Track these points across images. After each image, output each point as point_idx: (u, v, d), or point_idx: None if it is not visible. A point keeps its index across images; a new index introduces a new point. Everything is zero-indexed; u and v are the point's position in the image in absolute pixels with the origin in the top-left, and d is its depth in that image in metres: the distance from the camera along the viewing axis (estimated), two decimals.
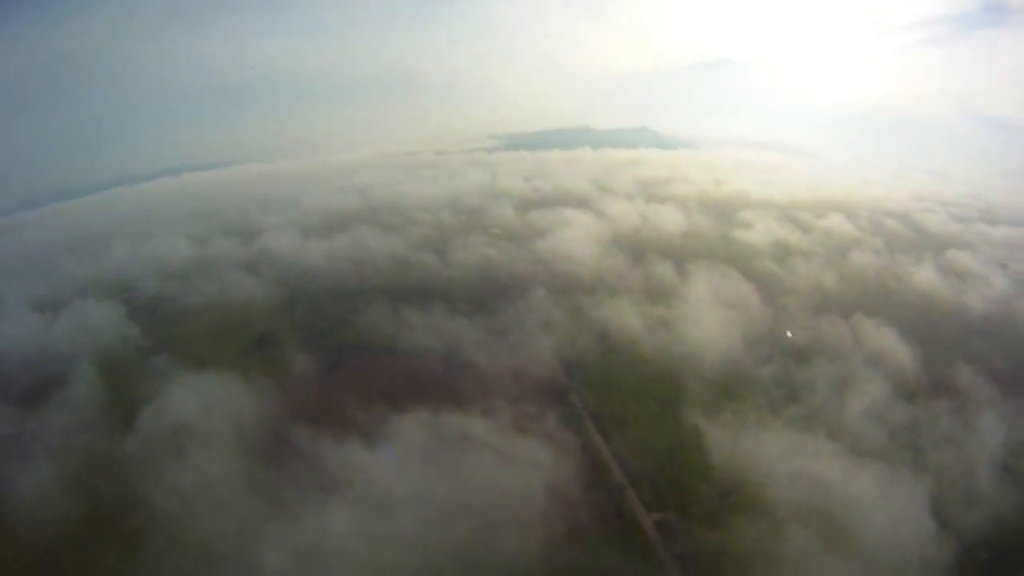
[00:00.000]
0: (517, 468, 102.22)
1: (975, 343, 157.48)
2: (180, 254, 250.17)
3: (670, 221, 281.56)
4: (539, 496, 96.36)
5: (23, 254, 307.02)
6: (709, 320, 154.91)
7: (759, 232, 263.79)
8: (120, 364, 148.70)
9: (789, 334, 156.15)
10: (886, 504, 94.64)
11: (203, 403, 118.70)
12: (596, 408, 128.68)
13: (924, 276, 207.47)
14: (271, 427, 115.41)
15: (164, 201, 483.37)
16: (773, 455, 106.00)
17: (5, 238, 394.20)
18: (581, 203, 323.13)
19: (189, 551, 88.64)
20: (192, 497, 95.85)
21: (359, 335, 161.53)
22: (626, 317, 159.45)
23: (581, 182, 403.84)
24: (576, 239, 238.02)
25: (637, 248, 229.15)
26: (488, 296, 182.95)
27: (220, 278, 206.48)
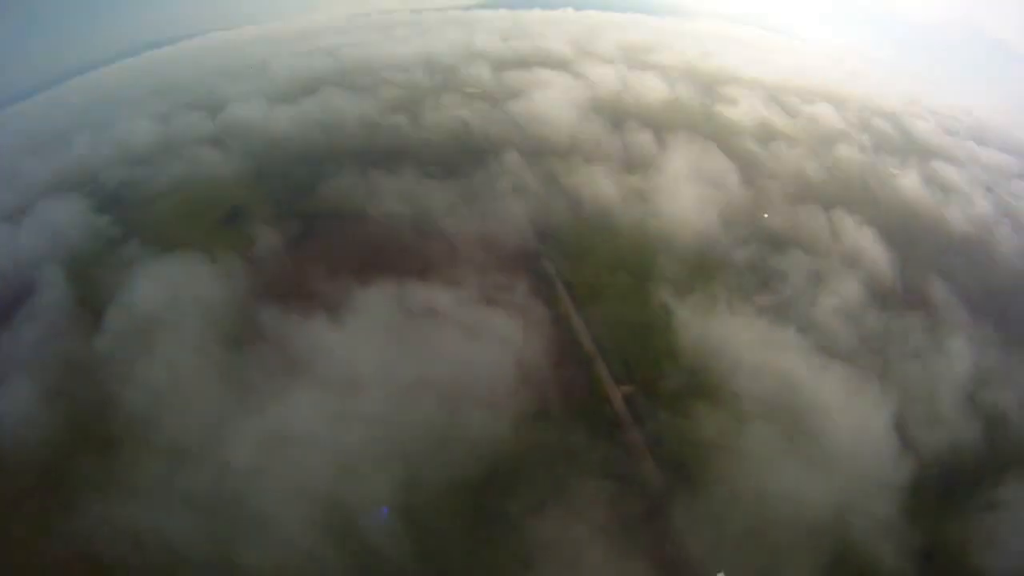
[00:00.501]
0: (487, 341, 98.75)
1: (951, 261, 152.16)
2: (143, 136, 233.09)
3: (652, 89, 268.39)
4: (509, 368, 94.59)
5: None
6: (686, 195, 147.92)
7: (743, 110, 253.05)
8: (89, 260, 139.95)
9: (766, 216, 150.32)
10: (850, 411, 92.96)
11: (170, 291, 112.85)
12: (568, 277, 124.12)
13: (908, 182, 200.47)
14: (238, 309, 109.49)
15: (126, 83, 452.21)
16: (741, 343, 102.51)
17: None
18: (560, 65, 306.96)
19: (162, 453, 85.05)
20: (163, 394, 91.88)
21: (328, 203, 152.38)
22: (601, 186, 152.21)
23: (562, 43, 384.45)
24: (553, 101, 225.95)
25: (616, 115, 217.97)
26: (460, 159, 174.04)
27: (186, 156, 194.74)
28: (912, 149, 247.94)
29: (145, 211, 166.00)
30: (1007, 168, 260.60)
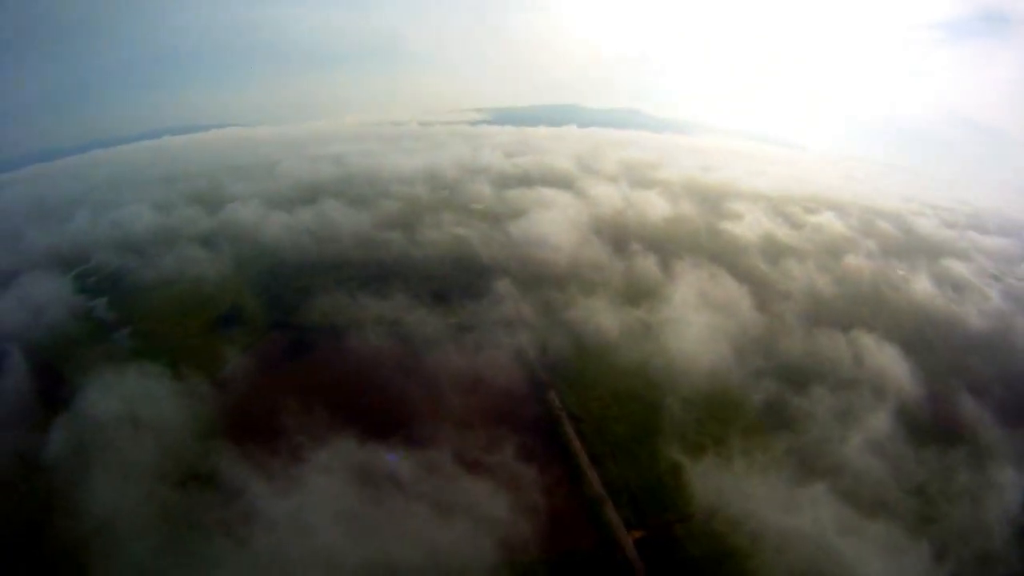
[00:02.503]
0: (479, 501, 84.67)
1: (977, 366, 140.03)
2: (142, 224, 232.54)
3: (655, 207, 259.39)
4: (513, 521, 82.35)
5: None
6: (695, 326, 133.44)
7: (748, 225, 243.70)
8: (64, 346, 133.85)
9: (781, 346, 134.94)
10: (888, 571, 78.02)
11: (130, 405, 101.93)
12: (575, 411, 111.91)
13: (920, 286, 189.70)
14: (196, 440, 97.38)
15: (139, 165, 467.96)
16: (763, 501, 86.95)
17: None
18: (563, 183, 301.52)
19: None
20: (98, 528, 79.81)
21: (312, 321, 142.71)
22: (604, 318, 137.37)
23: (564, 160, 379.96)
24: (554, 222, 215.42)
25: (619, 236, 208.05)
26: (454, 282, 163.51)
27: (177, 252, 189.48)
28: (918, 248, 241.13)
29: (127, 302, 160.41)
30: (1010, 253, 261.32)
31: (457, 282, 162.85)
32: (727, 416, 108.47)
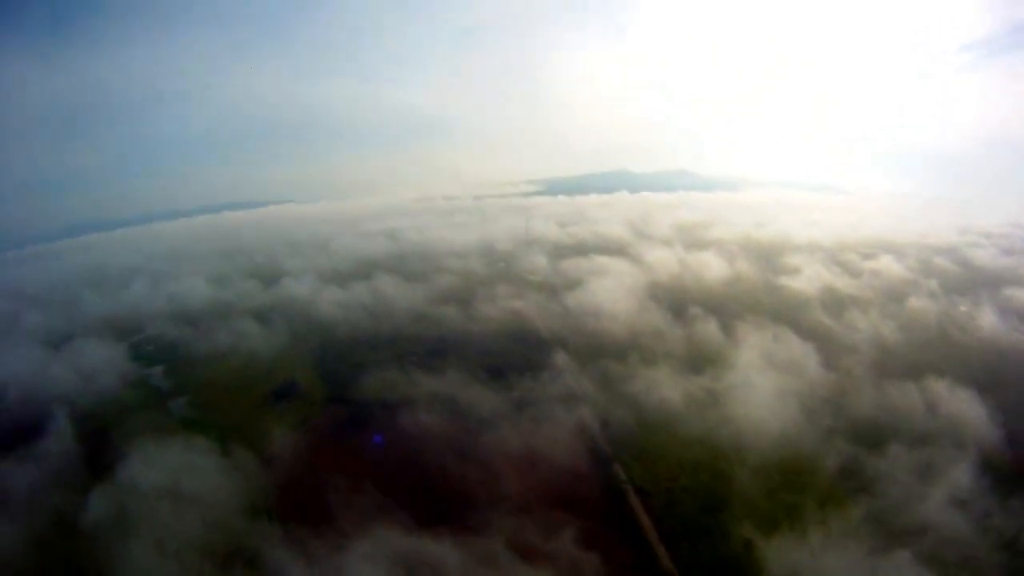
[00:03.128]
0: None
1: None
2: (197, 296, 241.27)
3: (712, 268, 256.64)
4: None
5: (50, 283, 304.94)
6: (761, 390, 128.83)
7: (806, 278, 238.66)
8: (112, 413, 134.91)
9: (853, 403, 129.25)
10: None
11: (173, 478, 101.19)
12: (639, 487, 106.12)
13: (987, 321, 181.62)
14: (237, 518, 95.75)
15: (198, 238, 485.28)
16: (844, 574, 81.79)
17: (40, 265, 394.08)
18: (618, 250, 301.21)
19: None
20: None
21: (365, 397, 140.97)
22: (666, 388, 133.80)
23: (618, 227, 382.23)
24: (611, 290, 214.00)
25: (677, 300, 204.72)
26: (511, 357, 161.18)
27: (232, 325, 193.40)
28: (979, 281, 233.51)
29: (184, 373, 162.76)
30: None
31: (514, 356, 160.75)
32: (800, 483, 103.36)
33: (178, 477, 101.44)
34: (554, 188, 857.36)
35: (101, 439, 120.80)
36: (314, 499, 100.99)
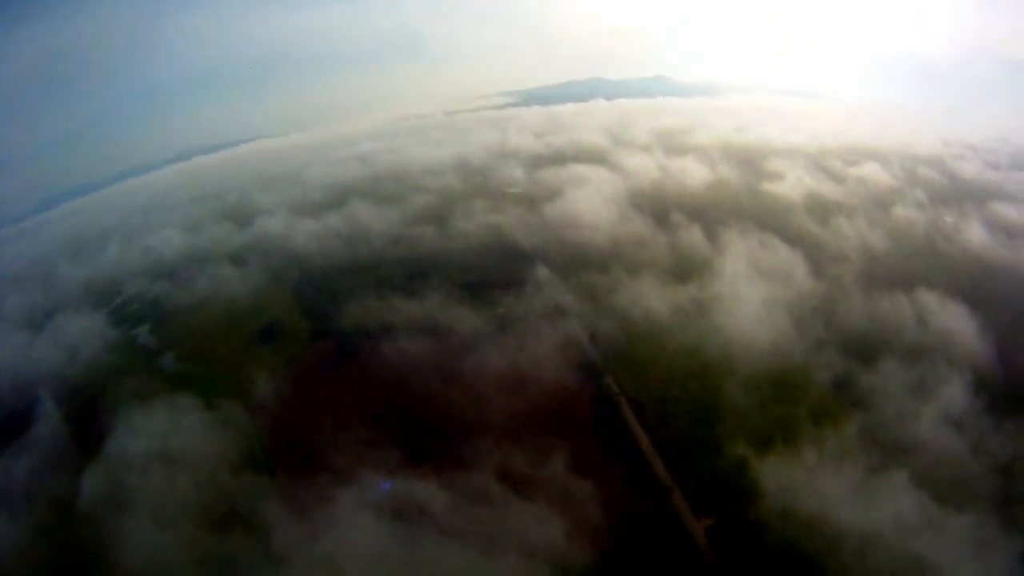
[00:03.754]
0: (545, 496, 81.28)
1: None
2: (172, 247, 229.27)
3: (693, 174, 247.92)
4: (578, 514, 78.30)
5: (28, 261, 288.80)
6: (749, 300, 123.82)
7: (790, 184, 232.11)
8: (99, 384, 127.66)
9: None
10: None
11: (163, 444, 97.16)
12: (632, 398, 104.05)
13: (974, 234, 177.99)
14: (229, 476, 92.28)
15: (171, 188, 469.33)
16: (838, 496, 77.62)
17: (18, 244, 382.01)
18: (596, 158, 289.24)
19: None
20: (137, 571, 76.80)
21: (349, 327, 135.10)
22: (652, 299, 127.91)
23: (595, 135, 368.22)
24: (591, 199, 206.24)
25: (659, 207, 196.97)
26: (492, 273, 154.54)
27: (207, 272, 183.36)
28: (965, 194, 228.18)
29: (170, 327, 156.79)
30: None
31: (495, 273, 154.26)
32: (792, 396, 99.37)
33: (168, 441, 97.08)
34: (529, 99, 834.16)
35: (90, 414, 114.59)
36: (304, 447, 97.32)
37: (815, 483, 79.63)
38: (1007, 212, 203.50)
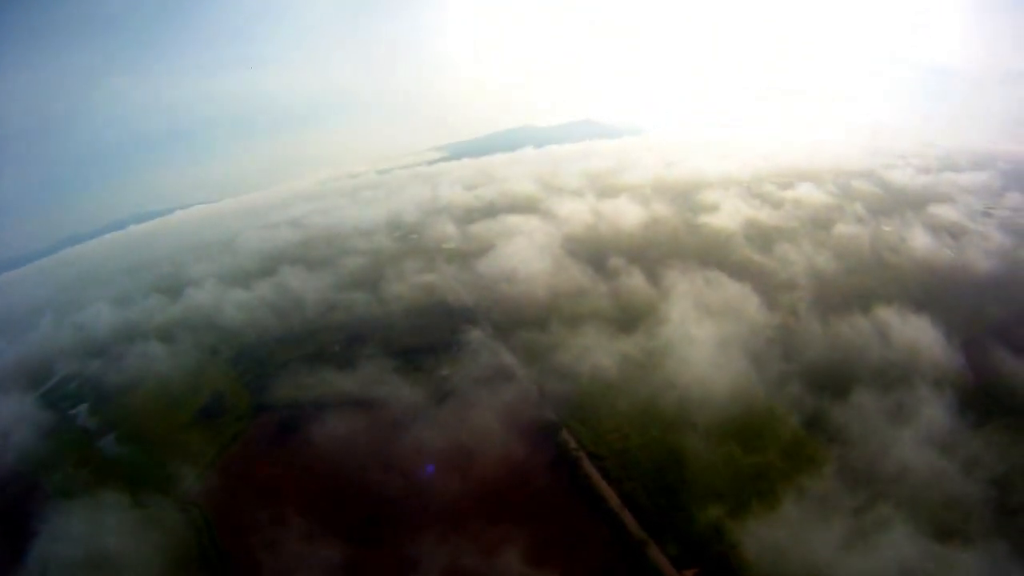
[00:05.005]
0: None
1: (1003, 315, 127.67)
2: (104, 324, 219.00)
3: (627, 215, 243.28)
4: None
5: None
6: (702, 343, 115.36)
7: (727, 214, 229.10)
8: (30, 473, 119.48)
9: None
10: None
11: (101, 538, 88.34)
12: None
13: (919, 241, 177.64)
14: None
15: (105, 259, 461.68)
16: (826, 545, 69.93)
17: None
18: (528, 207, 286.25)
19: None
20: None
21: (285, 402, 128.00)
22: (598, 354, 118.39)
23: (526, 184, 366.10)
24: (525, 250, 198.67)
25: (596, 253, 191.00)
26: (426, 339, 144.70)
27: (139, 349, 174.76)
28: (902, 202, 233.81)
29: (106, 410, 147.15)
30: (991, 186, 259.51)
31: (432, 336, 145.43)
32: (761, 444, 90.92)
33: (101, 544, 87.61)
34: (458, 152, 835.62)
35: (16, 513, 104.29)
36: (246, 544, 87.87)
37: (800, 539, 71.24)
38: (946, 213, 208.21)
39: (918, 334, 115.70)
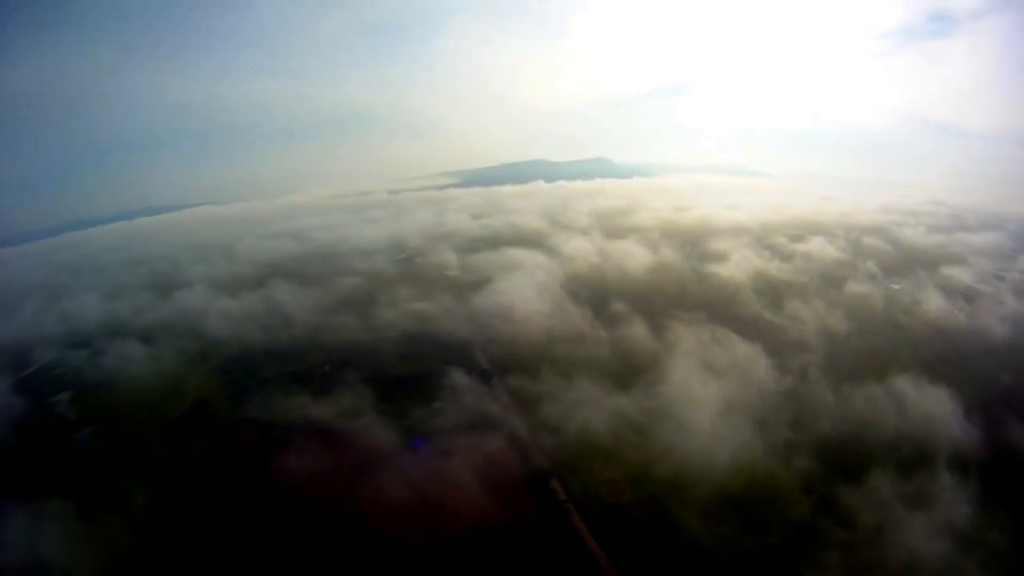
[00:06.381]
0: None
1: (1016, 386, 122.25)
2: (91, 315, 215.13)
3: (634, 257, 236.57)
4: None
5: None
6: (703, 406, 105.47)
7: (736, 264, 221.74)
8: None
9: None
10: None
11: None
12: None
13: (933, 304, 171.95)
14: None
15: (108, 247, 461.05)
16: None
17: None
18: (533, 241, 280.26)
19: None
20: None
21: (249, 429, 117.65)
22: (590, 411, 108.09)
23: (533, 218, 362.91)
24: (525, 287, 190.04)
25: (598, 295, 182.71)
26: (408, 373, 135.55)
27: (121, 346, 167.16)
28: (914, 260, 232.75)
29: (86, 401, 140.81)
30: (1003, 248, 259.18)
31: (411, 374, 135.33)
32: (762, 523, 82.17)
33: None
34: (471, 180, 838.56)
35: None
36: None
37: None
38: (959, 275, 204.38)
39: (934, 406, 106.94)
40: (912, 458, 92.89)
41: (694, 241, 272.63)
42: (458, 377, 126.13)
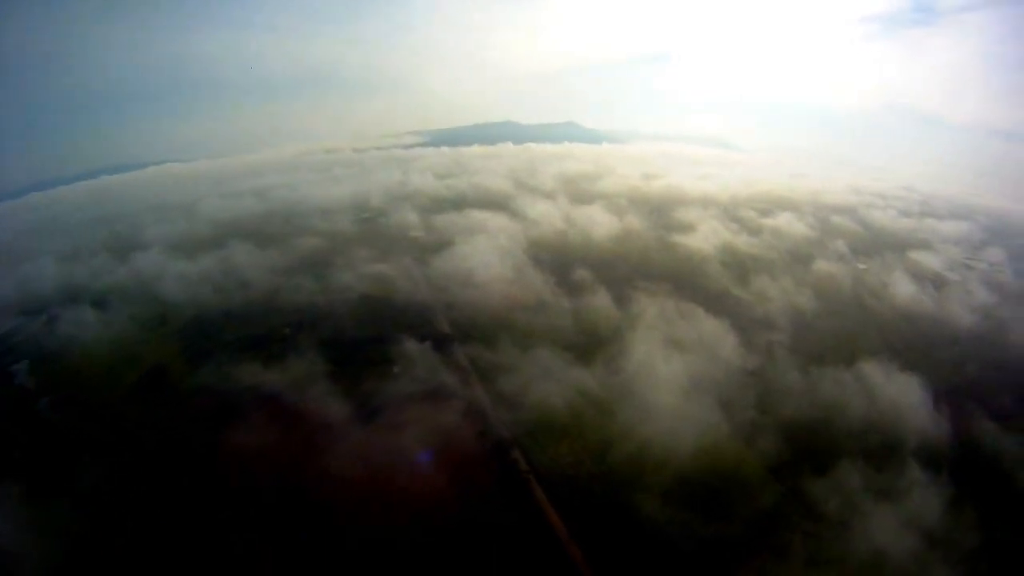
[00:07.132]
0: None
1: (987, 379, 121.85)
2: (47, 279, 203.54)
3: (600, 224, 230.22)
4: None
5: None
6: (669, 382, 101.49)
7: (703, 235, 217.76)
8: None
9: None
10: None
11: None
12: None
13: (901, 288, 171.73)
14: None
15: (71, 208, 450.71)
16: None
17: None
18: (498, 203, 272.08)
19: None
20: None
21: (218, 387, 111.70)
22: (549, 385, 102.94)
23: (499, 179, 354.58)
24: (487, 250, 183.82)
25: (562, 261, 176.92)
26: (362, 340, 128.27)
27: (78, 311, 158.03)
28: (883, 243, 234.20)
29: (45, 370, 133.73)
30: (971, 238, 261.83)
31: (369, 337, 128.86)
32: (726, 510, 78.91)
33: None
34: (438, 139, 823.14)
35: None
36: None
37: None
38: (927, 261, 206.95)
39: (902, 395, 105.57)
40: (880, 448, 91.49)
41: (661, 210, 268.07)
42: (416, 343, 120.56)
